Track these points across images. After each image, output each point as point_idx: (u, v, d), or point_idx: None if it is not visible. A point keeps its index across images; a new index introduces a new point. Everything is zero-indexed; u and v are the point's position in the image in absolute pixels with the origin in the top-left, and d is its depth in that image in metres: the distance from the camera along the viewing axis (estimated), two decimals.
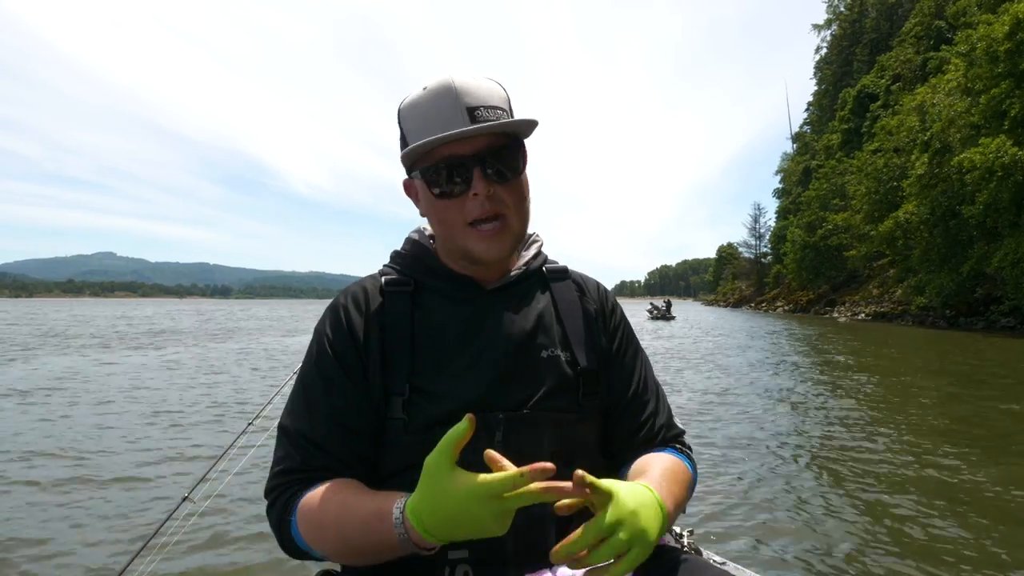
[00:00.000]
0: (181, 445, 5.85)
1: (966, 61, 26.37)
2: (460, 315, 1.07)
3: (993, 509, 3.93)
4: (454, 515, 0.77)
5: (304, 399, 1.03)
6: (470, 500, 0.76)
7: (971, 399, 8.19)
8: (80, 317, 40.58)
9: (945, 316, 27.67)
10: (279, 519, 0.97)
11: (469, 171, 0.98)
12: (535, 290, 1.14)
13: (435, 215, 1.05)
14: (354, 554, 0.93)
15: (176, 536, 2.42)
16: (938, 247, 27.76)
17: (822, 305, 47.33)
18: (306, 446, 0.99)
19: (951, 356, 14.24)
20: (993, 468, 4.82)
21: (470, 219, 1.01)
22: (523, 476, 0.74)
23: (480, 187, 0.98)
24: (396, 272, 1.13)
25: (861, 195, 37.48)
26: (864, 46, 64.66)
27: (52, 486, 4.60)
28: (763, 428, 6.56)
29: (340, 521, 0.91)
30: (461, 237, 1.03)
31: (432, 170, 1.00)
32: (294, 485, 0.97)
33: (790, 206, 67.57)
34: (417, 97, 1.02)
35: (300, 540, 0.95)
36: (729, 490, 4.41)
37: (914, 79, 44.16)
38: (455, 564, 0.94)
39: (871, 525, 3.71)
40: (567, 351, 1.09)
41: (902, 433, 6.18)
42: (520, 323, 1.07)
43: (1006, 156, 21.73)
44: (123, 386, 9.59)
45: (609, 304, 1.21)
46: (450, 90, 0.97)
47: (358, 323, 1.05)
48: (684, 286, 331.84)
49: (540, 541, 0.96)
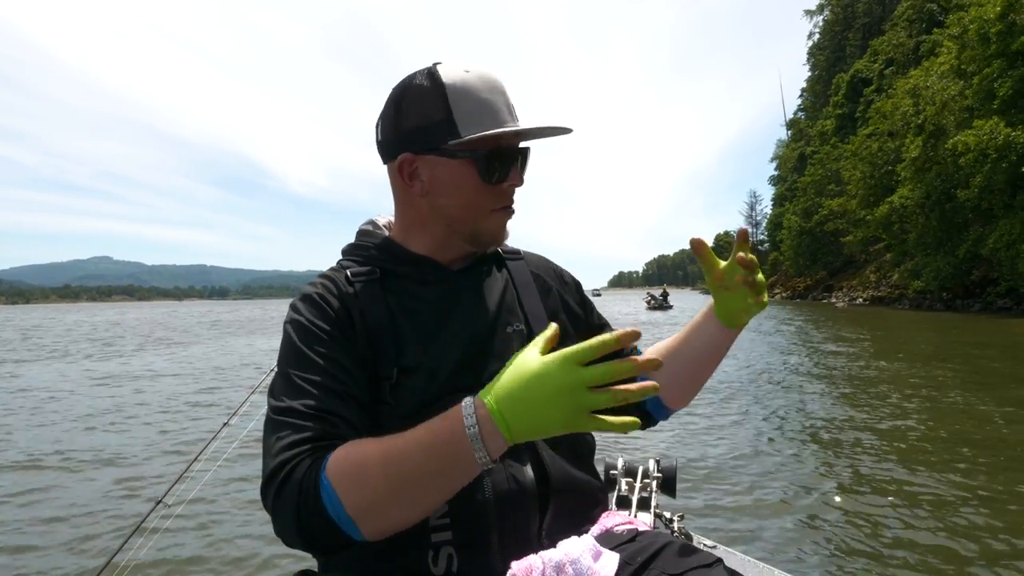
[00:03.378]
0: (153, 451, 5.84)
1: (958, 44, 26.38)
2: (431, 297, 1.07)
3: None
4: (534, 383, 0.73)
5: (299, 379, 0.94)
6: (554, 366, 0.73)
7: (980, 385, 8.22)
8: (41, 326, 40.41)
9: (942, 299, 27.74)
10: (299, 487, 0.83)
11: (516, 162, 1.06)
12: (493, 270, 1.17)
13: (466, 198, 1.04)
14: (411, 492, 0.81)
15: (152, 540, 2.38)
16: (934, 230, 27.83)
17: (819, 291, 47.44)
18: (319, 416, 0.89)
19: (953, 336, 14.28)
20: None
21: (499, 205, 1.07)
22: (617, 340, 0.71)
23: (518, 180, 1.06)
24: (356, 263, 1.10)
25: (856, 180, 37.53)
26: (856, 31, 64.60)
27: (15, 495, 4.54)
28: (755, 412, 6.57)
29: (393, 451, 0.82)
30: (483, 218, 1.07)
31: (492, 156, 1.02)
32: (317, 451, 0.86)
33: (786, 193, 67.68)
34: (465, 79, 1.00)
35: (332, 500, 0.82)
36: (721, 476, 4.41)
37: (907, 63, 44.14)
38: (439, 547, 0.93)
39: (861, 507, 3.71)
40: (526, 325, 1.12)
41: (896, 416, 6.19)
42: (487, 301, 1.10)
43: (999, 138, 21.76)
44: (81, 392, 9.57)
45: (565, 274, 1.28)
46: (498, 84, 1.04)
47: (337, 307, 1.02)
48: (683, 275, 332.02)
49: (523, 524, 0.96)
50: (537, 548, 0.93)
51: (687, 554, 0.92)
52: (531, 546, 0.94)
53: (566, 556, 0.89)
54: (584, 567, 0.88)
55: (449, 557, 0.93)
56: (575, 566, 0.88)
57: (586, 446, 1.12)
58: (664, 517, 1.61)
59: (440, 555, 0.93)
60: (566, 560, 0.89)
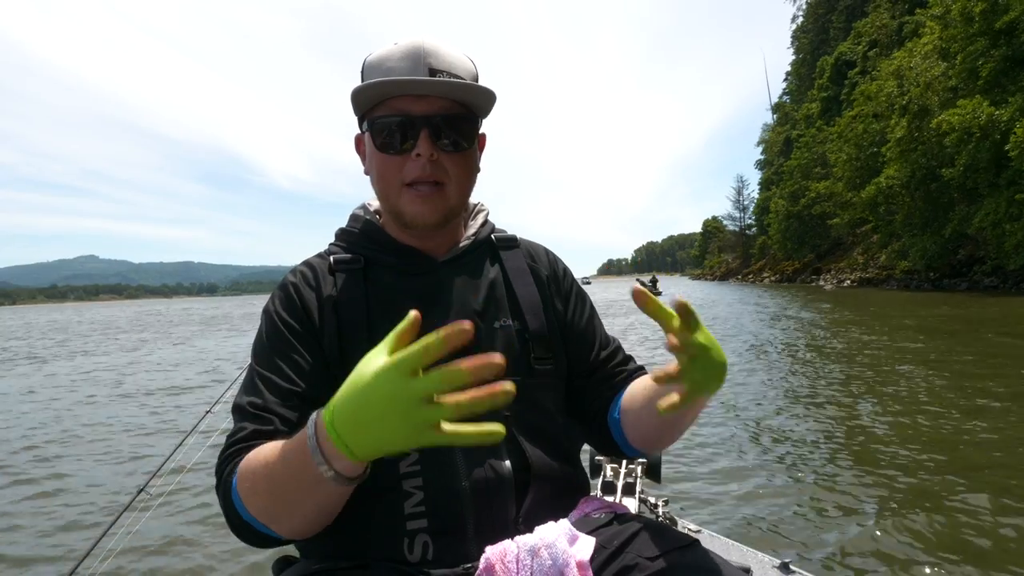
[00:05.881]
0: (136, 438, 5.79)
1: (941, 23, 26.47)
2: (413, 289, 1.05)
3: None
4: (362, 401, 0.63)
5: (256, 375, 0.98)
6: (379, 379, 0.62)
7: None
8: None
9: (929, 279, 28.00)
10: (224, 489, 0.88)
11: (417, 130, 0.97)
12: (484, 260, 1.13)
13: (375, 169, 1.03)
14: (284, 503, 0.80)
15: (136, 525, 2.37)
16: (920, 211, 28.04)
17: (808, 274, 47.73)
18: (257, 414, 0.93)
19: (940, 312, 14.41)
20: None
21: (408, 179, 1.00)
22: (442, 340, 0.59)
23: (424, 149, 0.97)
24: (343, 250, 1.10)
25: (842, 162, 37.71)
26: (840, 13, 64.65)
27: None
28: (742, 397, 6.59)
29: (269, 461, 0.81)
30: (395, 195, 1.02)
31: (380, 121, 0.99)
32: (242, 452, 0.89)
33: (772, 177, 67.94)
34: (385, 51, 1.01)
35: (239, 505, 0.84)
36: (706, 461, 4.43)
37: (891, 44, 44.27)
38: (414, 535, 0.93)
39: (850, 489, 3.73)
40: (518, 319, 1.08)
41: (886, 400, 6.23)
42: (472, 295, 1.06)
43: (983, 116, 21.89)
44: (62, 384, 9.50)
45: (560, 268, 1.21)
46: (418, 48, 0.98)
47: (310, 299, 1.03)
48: (671, 262, 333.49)
49: (501, 512, 0.95)
50: (513, 534, 0.92)
51: (663, 535, 0.91)
52: (507, 532, 0.93)
53: (541, 540, 0.89)
54: (559, 551, 0.87)
55: (424, 544, 0.93)
56: (550, 550, 0.87)
57: (569, 434, 1.11)
58: (649, 502, 1.60)
59: (415, 542, 0.93)
60: (541, 544, 0.88)
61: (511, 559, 0.87)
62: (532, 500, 0.97)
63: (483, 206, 1.20)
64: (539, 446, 1.01)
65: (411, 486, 0.94)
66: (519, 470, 0.98)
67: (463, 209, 1.11)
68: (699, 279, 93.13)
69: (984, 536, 2.97)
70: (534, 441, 1.01)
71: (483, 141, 1.10)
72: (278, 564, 1.02)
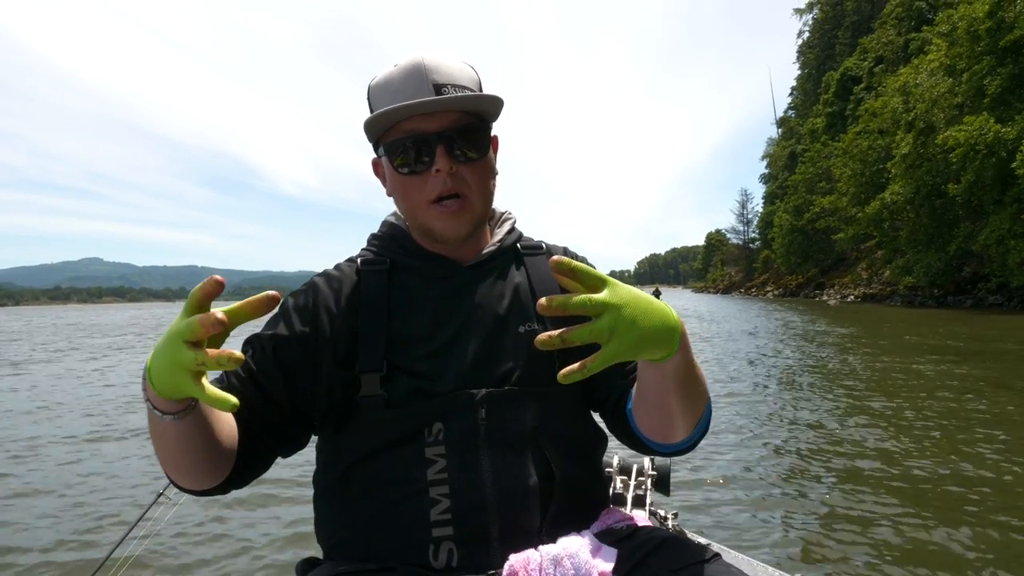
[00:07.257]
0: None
1: (948, 41, 26.54)
2: (436, 293, 1.06)
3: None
4: (160, 342, 0.72)
5: (247, 355, 1.03)
6: (169, 337, 0.70)
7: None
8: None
9: (933, 295, 27.94)
10: None
11: (432, 147, 0.98)
12: (510, 266, 1.14)
13: (398, 191, 1.05)
14: (160, 452, 0.88)
15: (157, 529, 2.37)
16: (924, 227, 28.01)
17: (811, 288, 47.68)
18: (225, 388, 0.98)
19: (947, 332, 14.36)
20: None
21: (432, 197, 1.01)
22: (199, 289, 0.68)
23: (442, 164, 0.98)
24: (372, 253, 1.13)
25: (847, 177, 37.74)
26: (846, 29, 64.90)
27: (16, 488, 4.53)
28: (749, 411, 6.57)
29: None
30: (423, 215, 1.03)
31: (396, 144, 1.01)
32: None
33: (777, 191, 67.98)
34: (387, 74, 1.02)
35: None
36: (716, 475, 4.41)
37: (897, 60, 44.40)
38: (439, 542, 0.94)
39: (860, 506, 3.72)
40: (542, 324, 1.07)
41: (889, 418, 6.21)
42: (496, 299, 1.07)
43: (989, 134, 21.91)
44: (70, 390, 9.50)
45: None
46: (419, 67, 0.98)
47: (327, 299, 1.05)
48: (674, 274, 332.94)
49: (525, 520, 0.96)
50: (537, 544, 0.93)
51: (686, 549, 0.92)
52: (531, 542, 0.94)
53: (564, 551, 0.89)
54: (582, 561, 0.88)
55: (449, 551, 0.94)
56: (573, 560, 0.88)
57: (593, 443, 1.11)
58: (659, 515, 1.60)
59: (440, 549, 0.94)
60: (564, 554, 0.89)
61: (534, 568, 0.88)
62: (556, 510, 0.98)
63: (510, 214, 1.22)
64: (564, 456, 1.02)
65: (438, 493, 0.95)
66: (544, 480, 0.98)
67: (488, 215, 1.12)
68: (702, 292, 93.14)
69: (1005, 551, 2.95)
70: (559, 451, 1.01)
71: (496, 143, 1.11)
72: (303, 565, 1.03)
